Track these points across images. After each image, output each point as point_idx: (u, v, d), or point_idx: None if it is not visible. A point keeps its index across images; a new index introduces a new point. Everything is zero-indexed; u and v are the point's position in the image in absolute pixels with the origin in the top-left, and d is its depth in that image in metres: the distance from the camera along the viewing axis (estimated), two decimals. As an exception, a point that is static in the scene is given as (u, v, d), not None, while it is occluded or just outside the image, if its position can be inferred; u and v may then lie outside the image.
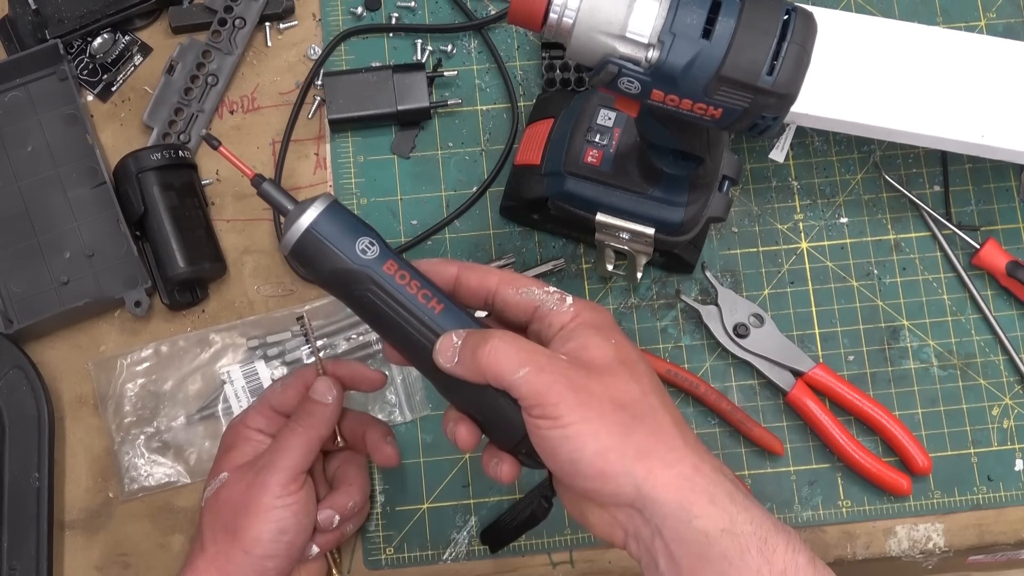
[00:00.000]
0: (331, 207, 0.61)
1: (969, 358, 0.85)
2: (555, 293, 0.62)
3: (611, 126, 0.77)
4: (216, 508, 0.71)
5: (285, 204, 0.62)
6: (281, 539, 0.69)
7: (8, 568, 0.77)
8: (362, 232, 0.60)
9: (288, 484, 0.69)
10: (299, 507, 0.70)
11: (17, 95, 0.86)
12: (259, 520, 0.69)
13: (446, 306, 0.60)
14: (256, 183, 0.62)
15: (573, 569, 0.81)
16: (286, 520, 0.69)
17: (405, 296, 0.60)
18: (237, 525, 0.69)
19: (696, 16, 0.59)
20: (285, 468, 0.70)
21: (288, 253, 0.61)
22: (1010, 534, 0.82)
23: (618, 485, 0.56)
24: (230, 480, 0.71)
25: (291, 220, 0.60)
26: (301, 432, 0.71)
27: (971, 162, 0.88)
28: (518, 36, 0.91)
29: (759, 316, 0.83)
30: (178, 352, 0.84)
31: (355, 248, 0.60)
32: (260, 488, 0.69)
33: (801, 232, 0.87)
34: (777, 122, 0.62)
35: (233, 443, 0.73)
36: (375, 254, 0.60)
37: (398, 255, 0.61)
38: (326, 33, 0.90)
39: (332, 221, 0.60)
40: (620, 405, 0.57)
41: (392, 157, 0.88)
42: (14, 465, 0.79)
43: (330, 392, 0.72)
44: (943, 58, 0.82)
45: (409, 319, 0.60)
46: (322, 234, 0.59)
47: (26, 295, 0.83)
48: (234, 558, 0.69)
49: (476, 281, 0.63)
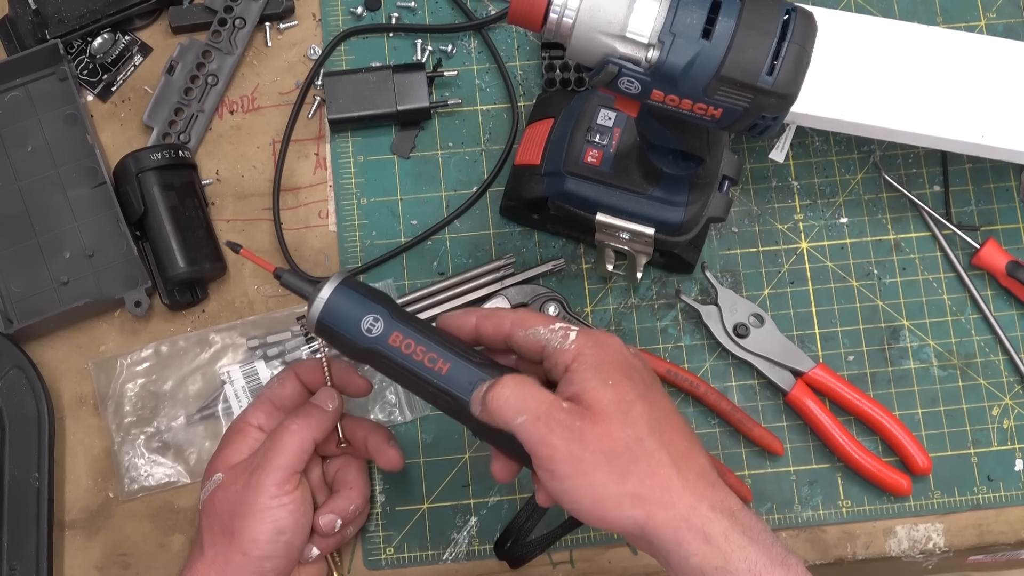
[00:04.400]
0: (337, 291, 0.65)
1: (969, 358, 0.85)
2: (560, 330, 0.63)
3: (611, 126, 0.77)
4: (213, 510, 0.71)
5: (305, 291, 0.67)
6: (279, 539, 0.69)
7: (8, 568, 0.77)
8: (367, 310, 0.65)
9: (283, 484, 0.69)
10: (295, 507, 0.70)
11: (17, 95, 0.86)
12: (256, 521, 0.69)
13: (452, 365, 0.64)
14: (277, 275, 0.68)
15: (573, 569, 0.81)
16: (283, 520, 0.69)
17: (412, 363, 0.64)
18: (234, 527, 0.69)
19: (696, 16, 0.59)
20: (279, 467, 0.70)
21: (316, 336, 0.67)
22: (1010, 534, 0.82)
23: (621, 527, 0.59)
24: (225, 480, 0.71)
25: (309, 306, 0.66)
26: (296, 431, 0.71)
27: (971, 162, 0.88)
28: (518, 36, 0.91)
29: (759, 316, 0.83)
30: (178, 352, 0.84)
31: (360, 329, 0.64)
32: (255, 488, 0.69)
33: (801, 232, 0.87)
34: (777, 122, 0.62)
35: (230, 439, 0.73)
36: (380, 330, 0.64)
37: (405, 321, 0.65)
38: (326, 33, 0.90)
39: (339, 304, 0.65)
40: (614, 454, 0.59)
41: (392, 157, 0.88)
42: (14, 465, 0.79)
43: (331, 400, 0.73)
44: (943, 58, 0.82)
45: (421, 383, 0.65)
46: (331, 321, 0.65)
47: (26, 295, 0.83)
48: (233, 560, 0.69)
49: (492, 328, 0.65)
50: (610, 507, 0.58)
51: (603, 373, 0.61)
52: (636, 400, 0.61)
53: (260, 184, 0.87)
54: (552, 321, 0.64)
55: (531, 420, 0.59)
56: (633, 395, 0.61)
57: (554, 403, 0.60)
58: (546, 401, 0.60)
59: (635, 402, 0.60)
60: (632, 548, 0.81)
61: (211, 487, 0.71)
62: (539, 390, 0.61)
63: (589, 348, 0.62)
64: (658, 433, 0.60)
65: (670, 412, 0.63)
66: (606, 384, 0.60)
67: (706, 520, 0.58)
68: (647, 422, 0.60)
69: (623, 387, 0.61)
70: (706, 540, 0.57)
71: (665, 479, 0.59)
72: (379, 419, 0.83)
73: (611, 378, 0.61)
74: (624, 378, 0.61)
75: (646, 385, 0.62)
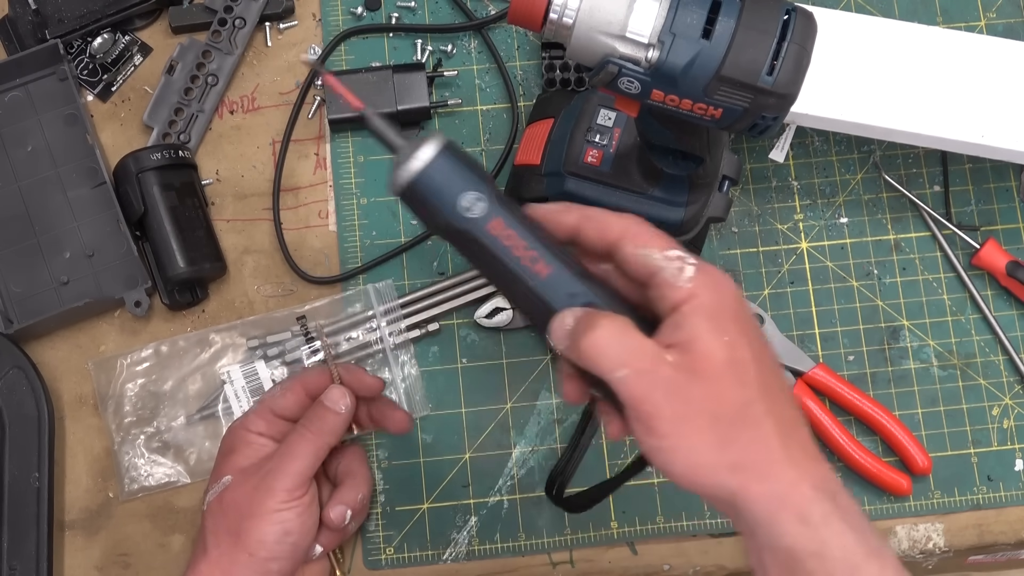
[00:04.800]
0: (440, 155, 0.55)
1: (969, 358, 0.85)
2: (676, 259, 0.55)
3: (611, 126, 0.77)
4: (220, 511, 0.71)
5: (395, 143, 0.57)
6: (286, 540, 0.69)
7: (8, 568, 0.77)
8: (469, 185, 0.55)
9: (295, 489, 0.70)
10: (304, 509, 0.70)
11: (17, 95, 0.86)
12: (264, 523, 0.69)
13: (553, 269, 0.56)
14: (364, 115, 0.58)
15: (573, 569, 0.81)
16: (291, 522, 0.69)
17: (509, 258, 0.56)
18: (241, 528, 0.69)
19: (696, 16, 0.59)
20: (293, 473, 0.70)
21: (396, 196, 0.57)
22: (1010, 534, 0.82)
23: (711, 494, 0.54)
24: (234, 483, 0.71)
25: (398, 163, 0.56)
26: (311, 439, 0.71)
27: (971, 162, 0.88)
28: (518, 36, 0.91)
29: (759, 316, 0.83)
30: (178, 352, 0.84)
31: (458, 205, 0.55)
32: (266, 492, 0.69)
33: (801, 232, 0.87)
34: (777, 122, 0.62)
35: (234, 446, 0.73)
36: (480, 211, 0.55)
37: (508, 207, 0.56)
38: (326, 33, 0.90)
39: (439, 171, 0.55)
40: (718, 417, 0.53)
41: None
42: (14, 465, 0.79)
43: (343, 400, 0.73)
44: (943, 58, 0.82)
45: (514, 282, 0.56)
46: (425, 189, 0.55)
47: (26, 295, 0.83)
48: (238, 560, 0.69)
49: (595, 233, 0.58)
50: (705, 474, 0.53)
51: (718, 323, 0.54)
52: (750, 359, 0.54)
53: (260, 184, 0.87)
54: (668, 243, 0.56)
55: (634, 375, 0.53)
56: (748, 353, 0.54)
57: (659, 357, 0.54)
58: (650, 354, 0.54)
59: (749, 361, 0.54)
60: (632, 548, 0.81)
61: (219, 488, 0.71)
62: (641, 339, 0.54)
63: (706, 290, 0.55)
64: (768, 398, 0.54)
65: (779, 373, 0.57)
66: (720, 337, 0.54)
67: (807, 500, 0.53)
68: (759, 385, 0.54)
69: (738, 343, 0.54)
70: (803, 522, 0.52)
71: (768, 450, 0.53)
72: (379, 419, 0.83)
73: (726, 331, 0.54)
74: (740, 332, 0.55)
75: (759, 341, 0.56)
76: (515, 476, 0.82)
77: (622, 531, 0.82)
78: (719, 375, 0.54)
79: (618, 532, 0.82)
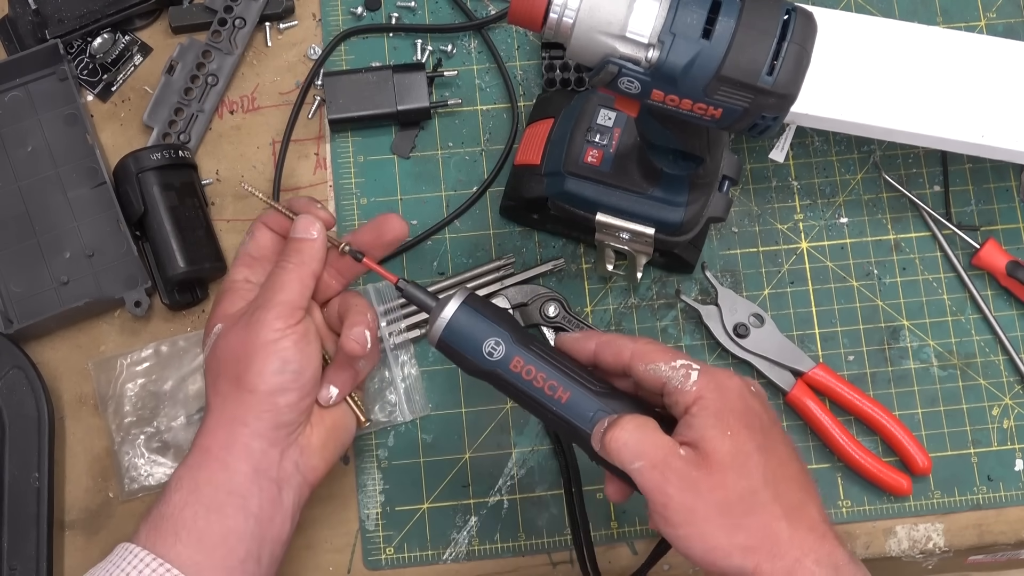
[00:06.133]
0: (461, 309, 0.65)
1: (969, 358, 0.85)
2: (681, 368, 0.63)
3: (611, 126, 0.77)
4: (215, 361, 0.69)
5: (427, 305, 0.67)
6: (286, 369, 0.67)
7: (8, 568, 0.77)
8: (489, 332, 0.65)
9: (287, 318, 0.67)
10: (299, 338, 0.67)
11: (17, 95, 0.86)
12: (260, 356, 0.66)
13: (572, 394, 0.64)
14: (399, 287, 0.68)
15: (573, 569, 0.81)
16: (288, 351, 0.67)
17: (533, 390, 0.64)
18: (239, 368, 0.66)
19: (696, 16, 0.59)
20: (281, 303, 0.67)
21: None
22: (1010, 534, 0.82)
23: (729, 574, 0.59)
24: (225, 329, 0.69)
25: (430, 322, 0.66)
26: (292, 268, 0.69)
27: (971, 162, 0.88)
28: (518, 36, 0.91)
29: (759, 316, 0.83)
30: (178, 352, 0.84)
31: (482, 351, 0.64)
32: (257, 325, 0.67)
33: (801, 232, 0.87)
34: (777, 122, 0.62)
35: (221, 297, 0.71)
36: (501, 354, 0.64)
37: (526, 346, 0.65)
38: (326, 33, 0.90)
39: (462, 324, 0.65)
40: (727, 506, 0.59)
41: (392, 157, 0.88)
42: (14, 465, 0.79)
43: (312, 227, 0.70)
44: (943, 58, 0.82)
45: (540, 408, 0.65)
46: (453, 341, 0.65)
47: (26, 295, 0.83)
48: (243, 401, 0.66)
49: (611, 357, 0.65)
50: (720, 556, 0.59)
51: (722, 421, 0.61)
52: (753, 451, 0.60)
53: (260, 184, 0.87)
54: (673, 356, 0.63)
55: (648, 467, 0.60)
56: (751, 445, 0.61)
57: (671, 451, 0.60)
58: (663, 448, 0.60)
59: (752, 453, 0.60)
60: (632, 548, 0.81)
61: (212, 340, 0.69)
62: (657, 435, 0.61)
63: (710, 392, 0.62)
64: (773, 485, 0.60)
65: (787, 460, 0.62)
66: (724, 433, 0.60)
67: (810, 573, 0.58)
68: (763, 473, 0.60)
69: (741, 436, 0.60)
70: None
71: (775, 532, 0.59)
72: (379, 419, 0.83)
73: (730, 427, 0.61)
74: (743, 427, 0.61)
75: (764, 433, 0.62)
76: (515, 476, 0.82)
77: (622, 531, 0.82)
78: (725, 467, 0.60)
79: (618, 532, 0.82)
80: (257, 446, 0.67)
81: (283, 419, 0.67)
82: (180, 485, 0.66)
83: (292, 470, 0.68)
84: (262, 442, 0.67)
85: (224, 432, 0.67)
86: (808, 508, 0.61)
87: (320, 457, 0.70)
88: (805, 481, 0.62)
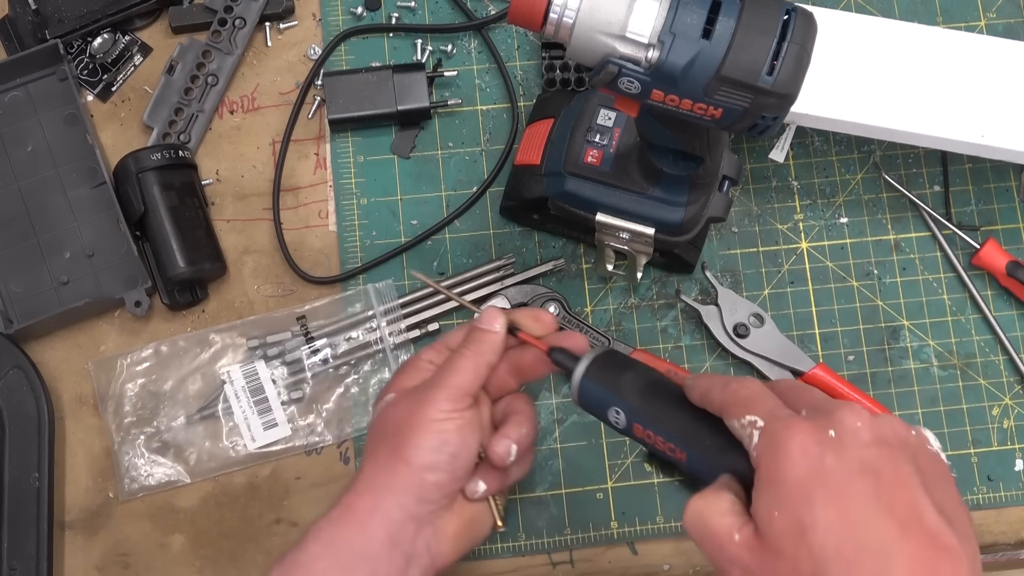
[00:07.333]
0: (584, 379, 0.67)
1: (969, 358, 0.85)
2: (748, 426, 0.55)
3: (611, 126, 0.77)
4: (380, 426, 0.70)
5: (569, 367, 0.68)
6: (443, 450, 0.67)
7: (8, 568, 0.77)
8: (610, 403, 0.65)
9: (455, 401, 0.68)
10: (464, 423, 0.68)
11: (17, 95, 0.86)
12: (422, 432, 0.67)
13: (688, 455, 0.62)
14: (550, 354, 0.69)
15: (573, 569, 0.81)
16: (449, 434, 0.67)
17: (656, 451, 0.64)
18: (400, 439, 0.68)
19: (696, 16, 0.59)
20: (452, 386, 0.68)
21: None
22: (1010, 534, 0.83)
23: None
24: (396, 399, 0.70)
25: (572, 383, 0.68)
26: (469, 356, 0.70)
27: (971, 162, 0.88)
28: (518, 36, 0.91)
29: (759, 316, 0.83)
30: (178, 352, 0.84)
31: (608, 418, 0.66)
32: (426, 403, 0.68)
33: (801, 232, 0.87)
34: (777, 122, 0.62)
35: (404, 369, 0.73)
36: (624, 423, 0.65)
37: (643, 413, 0.64)
38: (326, 33, 0.90)
39: (588, 393, 0.67)
40: None
41: (392, 157, 0.88)
42: (14, 465, 0.79)
43: (497, 320, 0.71)
44: (943, 58, 0.82)
45: (669, 462, 0.64)
46: (588, 408, 0.67)
47: (26, 295, 0.83)
48: (396, 471, 0.67)
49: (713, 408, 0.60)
50: None
51: (777, 491, 0.52)
52: (814, 524, 0.50)
53: (260, 184, 0.87)
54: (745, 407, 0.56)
55: (710, 551, 0.55)
56: (809, 518, 0.50)
57: (726, 537, 0.54)
58: (717, 536, 0.54)
59: (812, 528, 0.50)
60: (632, 548, 0.81)
61: (382, 406, 0.71)
62: (713, 519, 0.55)
63: (765, 458, 0.53)
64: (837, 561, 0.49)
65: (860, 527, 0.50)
66: (773, 508, 0.52)
67: None
68: (826, 550, 0.49)
69: (797, 509, 0.51)
70: None
71: None
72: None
73: (784, 498, 0.51)
74: (801, 497, 0.51)
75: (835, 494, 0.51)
76: (515, 476, 0.82)
77: (622, 531, 0.82)
78: (780, 549, 0.51)
79: (618, 532, 0.82)
80: (397, 516, 0.68)
81: (427, 496, 0.68)
82: (319, 537, 0.67)
83: (423, 549, 0.69)
84: (402, 513, 0.68)
85: (370, 496, 0.68)
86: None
87: (451, 545, 0.71)
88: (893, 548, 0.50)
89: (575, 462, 0.82)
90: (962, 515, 0.53)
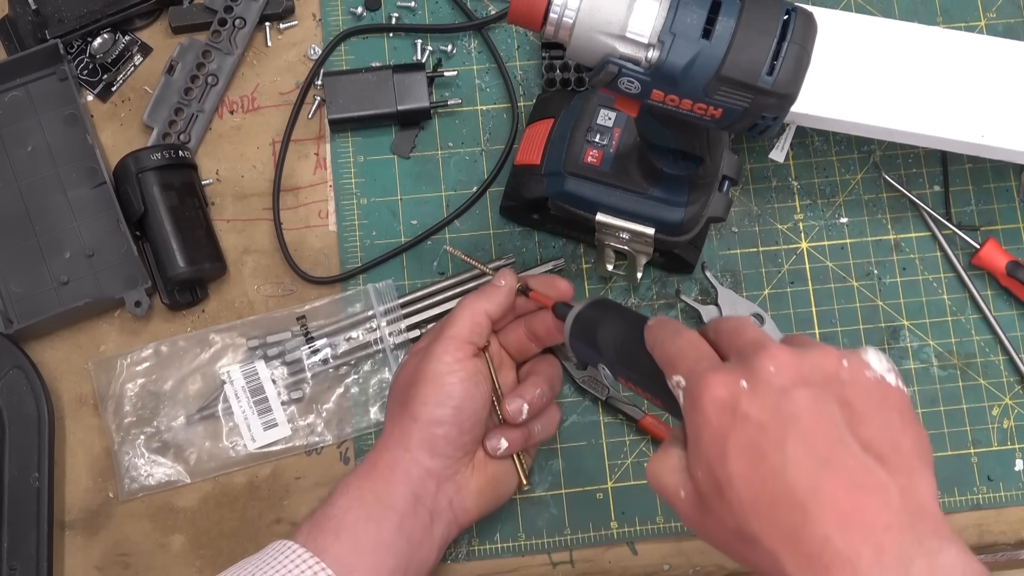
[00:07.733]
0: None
1: (969, 358, 0.85)
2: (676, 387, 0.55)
3: (611, 126, 0.77)
4: (394, 385, 0.74)
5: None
6: (447, 404, 0.69)
7: (8, 568, 0.77)
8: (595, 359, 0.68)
9: (455, 351, 0.70)
10: (466, 375, 0.70)
11: (17, 95, 0.86)
12: (425, 385, 0.70)
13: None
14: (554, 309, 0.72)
15: (573, 569, 0.81)
16: (452, 387, 0.70)
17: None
18: (407, 395, 0.70)
19: (696, 16, 0.59)
20: (451, 337, 0.71)
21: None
22: (1010, 534, 0.83)
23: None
24: (406, 359, 0.74)
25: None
26: (466, 306, 0.72)
27: (971, 162, 0.88)
28: (518, 36, 0.91)
29: (759, 316, 0.83)
30: (178, 352, 0.84)
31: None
32: (428, 357, 0.70)
33: (801, 232, 0.87)
34: (777, 122, 0.62)
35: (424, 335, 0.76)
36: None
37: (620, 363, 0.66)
38: (326, 33, 0.90)
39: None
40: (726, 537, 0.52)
41: (392, 157, 0.88)
42: (14, 465, 0.79)
43: (505, 277, 0.74)
44: (943, 58, 0.82)
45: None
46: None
47: (26, 295, 0.83)
48: (406, 428, 0.70)
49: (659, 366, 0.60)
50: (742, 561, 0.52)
51: (697, 449, 0.51)
52: (729, 479, 0.49)
53: (260, 184, 0.87)
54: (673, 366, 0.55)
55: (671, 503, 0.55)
56: (723, 473, 0.49)
57: (675, 495, 0.54)
58: (669, 492, 0.55)
59: (727, 483, 0.49)
60: (632, 548, 0.81)
61: (397, 369, 0.73)
62: (665, 476, 0.55)
63: (687, 417, 0.53)
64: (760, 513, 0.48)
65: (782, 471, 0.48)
66: (696, 466, 0.52)
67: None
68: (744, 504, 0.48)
69: (712, 466, 0.50)
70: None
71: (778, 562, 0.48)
72: (379, 419, 0.83)
73: (702, 455, 0.51)
74: (716, 453, 0.50)
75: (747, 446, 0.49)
76: (515, 476, 0.82)
77: (622, 531, 0.82)
78: (707, 507, 0.52)
79: (618, 532, 0.82)
80: (416, 473, 0.70)
81: (439, 450, 0.70)
82: (347, 491, 0.70)
83: (445, 505, 0.71)
84: (420, 470, 0.70)
85: (390, 454, 0.71)
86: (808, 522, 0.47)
87: (474, 502, 0.73)
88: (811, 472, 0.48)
89: (575, 462, 0.82)
90: (905, 441, 0.50)
